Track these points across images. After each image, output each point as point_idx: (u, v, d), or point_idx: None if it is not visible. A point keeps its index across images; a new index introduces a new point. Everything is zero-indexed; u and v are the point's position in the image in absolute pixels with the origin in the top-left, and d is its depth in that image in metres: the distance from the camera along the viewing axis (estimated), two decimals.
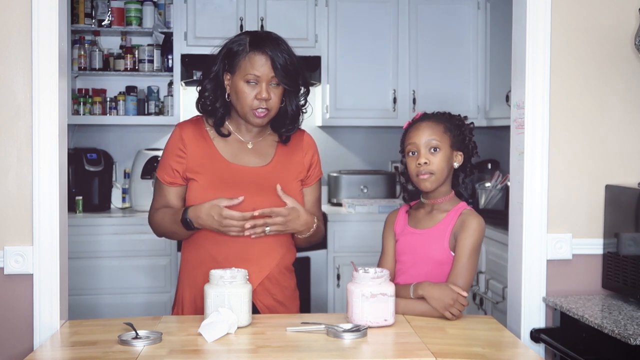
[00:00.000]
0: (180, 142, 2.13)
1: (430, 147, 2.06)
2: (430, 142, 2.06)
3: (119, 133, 4.53)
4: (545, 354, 2.23)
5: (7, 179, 2.05)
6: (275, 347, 1.74)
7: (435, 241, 2.08)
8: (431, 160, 2.05)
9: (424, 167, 2.05)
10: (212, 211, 1.98)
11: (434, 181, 2.06)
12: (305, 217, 2.08)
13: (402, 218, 2.19)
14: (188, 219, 2.02)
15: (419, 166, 2.06)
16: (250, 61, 2.04)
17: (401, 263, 2.13)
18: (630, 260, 2.13)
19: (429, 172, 2.05)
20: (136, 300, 3.95)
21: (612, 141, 2.30)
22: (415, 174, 2.07)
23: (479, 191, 4.10)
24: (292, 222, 2.05)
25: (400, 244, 2.15)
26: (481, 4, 4.43)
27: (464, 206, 2.11)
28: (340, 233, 4.07)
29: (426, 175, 2.05)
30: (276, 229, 2.04)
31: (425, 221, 2.12)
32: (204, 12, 4.25)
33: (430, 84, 4.42)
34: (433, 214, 2.12)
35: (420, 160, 2.05)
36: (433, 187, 2.07)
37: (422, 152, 2.06)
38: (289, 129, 2.17)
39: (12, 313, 2.05)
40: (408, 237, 2.13)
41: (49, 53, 2.03)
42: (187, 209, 2.04)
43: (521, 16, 2.27)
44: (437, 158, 2.06)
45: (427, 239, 2.09)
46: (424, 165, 2.05)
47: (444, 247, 2.07)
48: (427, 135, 2.07)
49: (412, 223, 2.15)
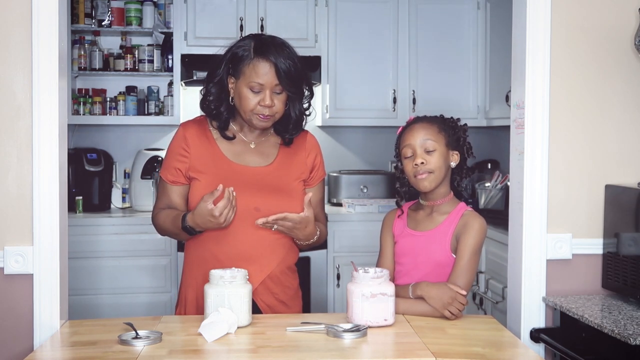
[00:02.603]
0: (183, 141, 2.13)
1: (425, 147, 2.06)
2: (425, 143, 2.06)
3: (119, 133, 4.53)
4: (545, 353, 2.23)
5: (7, 179, 2.05)
6: (275, 347, 1.74)
7: (437, 243, 2.08)
8: (428, 160, 2.05)
9: (422, 167, 2.05)
10: (205, 216, 1.97)
11: (433, 180, 2.06)
12: (310, 229, 2.08)
13: (400, 218, 2.18)
14: (189, 226, 2.03)
15: (416, 167, 2.05)
16: (254, 68, 2.03)
17: (402, 265, 2.13)
18: (630, 260, 2.13)
19: (427, 171, 2.05)
20: (136, 300, 3.95)
21: (612, 141, 2.30)
22: (413, 175, 2.07)
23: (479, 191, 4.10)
24: (298, 230, 2.06)
25: (400, 246, 2.14)
26: (481, 4, 4.43)
27: (464, 207, 2.11)
28: (340, 233, 4.07)
29: (424, 175, 2.05)
30: (282, 229, 2.05)
31: (425, 223, 2.12)
32: (204, 12, 4.24)
33: (430, 84, 4.42)
34: (433, 216, 2.12)
35: (417, 161, 2.05)
36: (432, 186, 2.07)
37: (418, 153, 2.06)
38: (292, 133, 2.17)
39: (12, 313, 2.05)
40: (408, 239, 2.13)
41: (49, 53, 2.03)
42: (185, 217, 2.03)
43: (521, 16, 2.27)
44: (433, 157, 2.06)
45: (428, 241, 2.09)
46: (421, 165, 2.05)
47: (445, 249, 2.07)
48: (422, 136, 2.07)
49: (411, 225, 2.15)
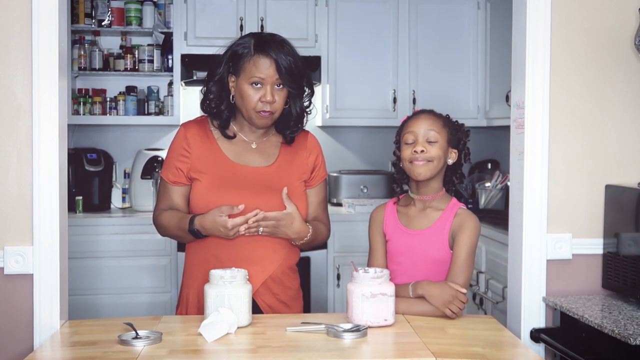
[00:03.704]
0: (184, 141, 2.13)
1: (428, 137, 2.06)
2: (428, 133, 2.07)
3: (119, 133, 4.53)
4: (545, 353, 2.23)
5: (7, 179, 2.05)
6: (275, 347, 1.74)
7: (435, 241, 2.08)
8: (428, 149, 2.05)
9: (421, 155, 2.05)
10: (217, 224, 1.98)
11: (429, 169, 2.06)
12: (299, 226, 2.06)
13: (391, 216, 2.16)
14: (196, 229, 2.03)
15: (415, 153, 2.05)
16: (254, 64, 2.04)
17: (399, 264, 2.12)
18: (630, 260, 2.13)
19: (426, 159, 2.05)
20: (136, 300, 3.95)
21: (612, 141, 2.30)
22: (409, 160, 2.07)
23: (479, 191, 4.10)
24: (285, 227, 2.04)
25: (395, 245, 2.13)
26: (481, 4, 4.43)
27: (457, 204, 2.12)
28: (340, 233, 4.06)
29: (422, 162, 2.05)
30: (268, 231, 2.03)
31: (419, 220, 2.12)
32: (204, 12, 4.24)
33: (430, 83, 4.42)
34: (427, 213, 2.11)
35: (417, 148, 2.05)
36: (427, 175, 2.06)
37: (419, 141, 2.06)
38: (293, 130, 2.17)
39: (12, 313, 2.05)
40: (403, 237, 2.12)
41: (49, 53, 2.03)
42: (193, 218, 2.04)
43: (521, 16, 2.27)
44: (434, 148, 2.06)
45: (425, 239, 2.09)
46: (421, 153, 2.05)
47: (444, 247, 2.07)
48: (426, 126, 2.07)
49: (404, 221, 2.14)
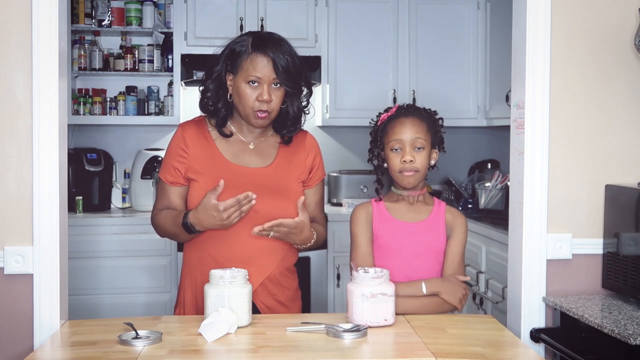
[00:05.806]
0: (182, 142, 2.13)
1: (415, 145, 2.07)
2: (416, 141, 2.07)
3: (119, 133, 4.53)
4: (545, 353, 2.23)
5: (7, 179, 2.05)
6: (275, 347, 1.74)
7: (436, 232, 2.12)
8: (416, 159, 2.07)
9: (410, 165, 2.06)
10: (209, 211, 1.97)
11: (417, 178, 2.10)
12: (307, 233, 2.08)
13: (380, 213, 2.15)
14: (189, 223, 2.02)
15: (404, 163, 2.07)
16: (252, 62, 2.04)
17: (401, 258, 2.10)
18: (630, 260, 2.13)
19: (414, 169, 2.07)
20: (136, 300, 3.95)
21: (612, 141, 2.30)
22: (399, 170, 2.08)
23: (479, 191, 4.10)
24: (294, 235, 2.05)
25: (390, 239, 2.11)
26: (481, 4, 4.43)
27: (439, 200, 2.19)
28: (340, 233, 4.06)
29: (411, 173, 2.07)
30: (278, 236, 2.05)
31: (413, 213, 2.14)
32: (204, 12, 4.25)
33: (430, 83, 4.42)
34: (418, 206, 2.14)
35: (406, 158, 2.06)
36: (415, 183, 2.11)
37: (407, 150, 2.07)
38: (290, 130, 2.17)
39: (12, 313, 2.05)
40: (403, 229, 2.12)
41: (49, 53, 2.03)
42: (187, 213, 2.04)
43: (521, 16, 2.27)
44: (421, 156, 2.08)
45: (427, 230, 2.12)
46: (410, 163, 2.06)
47: (443, 237, 2.13)
48: (413, 133, 2.08)
49: (397, 216, 2.14)
